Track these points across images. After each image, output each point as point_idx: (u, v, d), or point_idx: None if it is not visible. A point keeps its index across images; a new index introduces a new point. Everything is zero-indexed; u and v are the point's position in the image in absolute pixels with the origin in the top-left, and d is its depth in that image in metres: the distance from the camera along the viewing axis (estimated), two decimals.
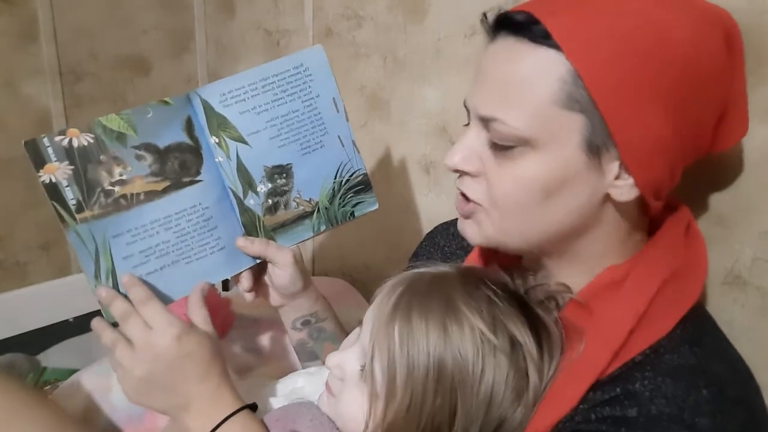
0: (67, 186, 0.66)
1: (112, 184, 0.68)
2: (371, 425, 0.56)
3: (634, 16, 0.51)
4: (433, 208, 1.12)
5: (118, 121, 0.68)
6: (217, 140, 0.74)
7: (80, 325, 1.45)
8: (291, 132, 0.77)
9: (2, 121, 1.40)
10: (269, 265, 0.78)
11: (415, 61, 1.09)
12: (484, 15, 0.57)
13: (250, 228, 0.77)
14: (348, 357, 0.60)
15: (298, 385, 0.77)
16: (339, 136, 0.80)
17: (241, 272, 0.77)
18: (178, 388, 0.64)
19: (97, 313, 0.69)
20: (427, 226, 0.93)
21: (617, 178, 0.54)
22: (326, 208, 0.80)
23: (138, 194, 0.69)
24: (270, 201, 0.77)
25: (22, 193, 1.44)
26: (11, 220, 1.45)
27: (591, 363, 0.54)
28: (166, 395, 0.65)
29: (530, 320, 0.57)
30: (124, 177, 0.69)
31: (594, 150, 0.53)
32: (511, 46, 0.54)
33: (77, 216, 0.66)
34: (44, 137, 0.65)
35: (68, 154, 0.66)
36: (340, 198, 0.81)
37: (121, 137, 0.68)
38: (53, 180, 0.65)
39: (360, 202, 0.82)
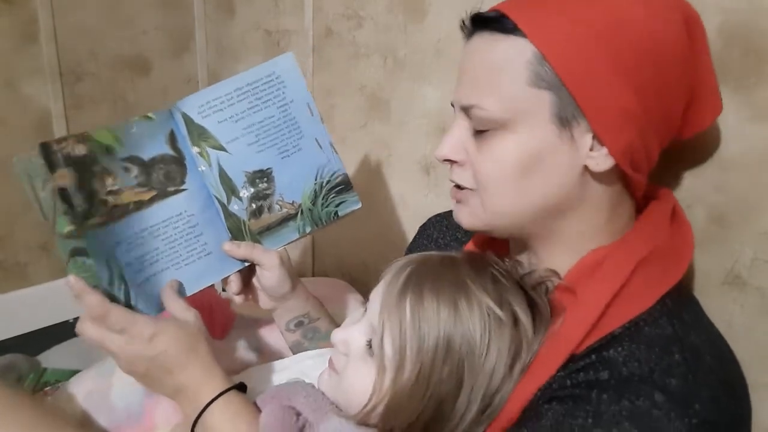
0: (75, 192, 0.67)
1: (107, 194, 0.69)
2: (376, 397, 0.58)
3: (590, 3, 0.57)
4: (432, 208, 1.12)
5: (105, 135, 0.70)
6: (198, 150, 0.76)
7: None
8: (268, 137, 0.79)
9: (2, 121, 1.40)
10: (257, 268, 0.79)
11: (415, 61, 1.09)
12: (462, 21, 0.63)
13: (236, 232, 0.78)
14: (354, 333, 0.62)
15: (307, 364, 0.78)
16: (316, 139, 0.82)
17: (229, 276, 0.79)
18: (163, 380, 0.66)
19: None
20: None
21: (591, 149, 0.58)
22: (310, 209, 0.82)
23: (127, 204, 0.71)
24: (254, 205, 0.79)
25: (22, 193, 1.43)
26: (11, 220, 1.45)
27: (568, 336, 0.57)
28: (157, 386, 0.67)
29: (527, 300, 0.60)
30: (115, 188, 0.70)
31: (564, 123, 0.57)
32: (484, 40, 0.60)
33: (86, 223, 0.67)
34: (53, 142, 0.66)
35: (73, 161, 0.67)
36: (322, 199, 0.82)
37: (110, 149, 0.70)
38: (65, 185, 0.66)
39: (342, 202, 0.84)
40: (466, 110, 0.62)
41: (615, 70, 0.55)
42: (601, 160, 0.58)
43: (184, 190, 0.75)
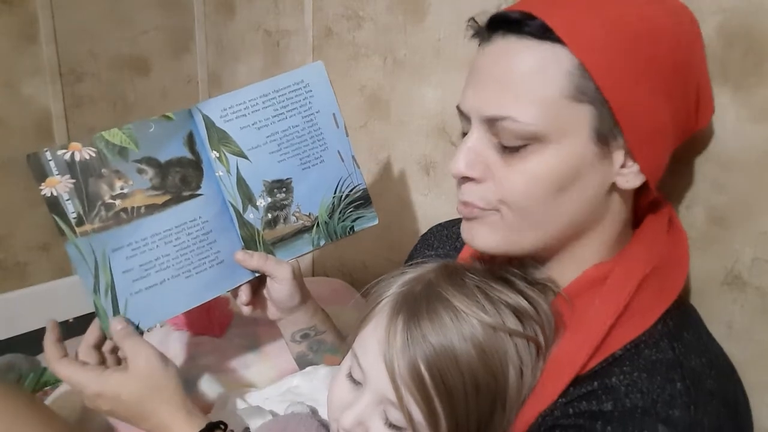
0: (68, 199, 0.66)
1: (113, 197, 0.68)
2: None
3: (620, 7, 0.54)
4: (432, 208, 1.12)
5: (120, 136, 0.69)
6: (217, 155, 0.74)
7: (80, 325, 1.45)
8: (291, 147, 0.78)
9: (2, 121, 1.40)
10: (268, 279, 0.78)
11: (415, 61, 1.09)
12: (473, 19, 0.58)
13: (250, 242, 0.77)
14: (364, 412, 0.56)
15: (293, 384, 0.77)
16: (339, 152, 0.80)
17: (240, 286, 0.77)
18: (134, 423, 0.67)
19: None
20: (427, 225, 0.93)
21: (623, 166, 0.56)
22: (326, 222, 0.81)
23: (138, 208, 0.69)
24: (269, 215, 0.78)
25: (22, 193, 1.43)
26: (11, 220, 1.45)
27: (571, 359, 0.56)
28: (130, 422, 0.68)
29: (519, 292, 0.58)
30: (125, 190, 0.69)
31: (603, 139, 0.54)
32: (511, 44, 0.54)
33: (77, 229, 0.66)
34: (47, 150, 0.66)
35: (70, 167, 0.66)
36: (339, 213, 0.81)
37: (123, 151, 0.69)
38: (54, 193, 0.66)
39: (360, 217, 0.83)
40: (490, 122, 0.55)
41: (651, 83, 0.53)
42: (632, 178, 0.56)
43: (199, 195, 0.73)
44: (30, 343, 1.42)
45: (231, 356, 0.91)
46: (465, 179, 0.59)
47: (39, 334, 1.49)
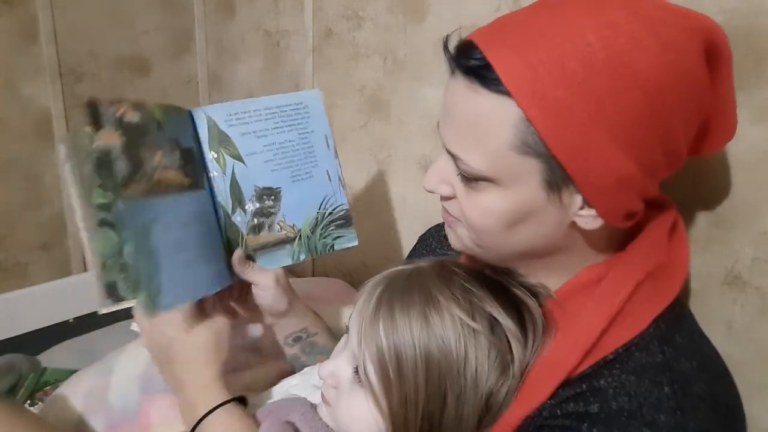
0: (119, 156, 0.63)
1: (155, 168, 0.67)
2: (381, 422, 0.58)
3: (591, 50, 0.49)
4: (432, 208, 1.12)
5: (157, 111, 0.69)
6: (215, 155, 0.77)
7: (80, 325, 1.45)
8: (284, 159, 0.82)
9: (2, 121, 1.40)
10: (252, 286, 0.79)
11: (415, 61, 1.09)
12: (446, 43, 0.57)
13: (234, 244, 0.78)
14: (340, 364, 0.62)
15: (293, 383, 0.78)
16: (327, 171, 0.84)
17: (221, 289, 0.75)
18: (171, 374, 0.71)
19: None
20: (426, 225, 0.93)
21: (582, 208, 0.55)
22: (308, 236, 0.83)
23: (173, 184, 0.69)
24: (255, 220, 0.80)
25: (22, 193, 1.43)
26: (11, 220, 1.45)
27: (561, 362, 0.56)
28: (165, 374, 0.72)
29: (508, 300, 0.59)
30: (164, 164, 0.68)
31: (554, 188, 0.54)
32: (466, 89, 0.54)
33: (123, 191, 0.63)
34: (102, 104, 0.62)
35: (123, 125, 0.64)
36: (321, 229, 0.84)
37: (159, 126, 0.69)
38: (108, 147, 0.62)
39: (340, 237, 0.86)
40: (451, 155, 0.58)
41: (612, 139, 0.50)
42: (590, 220, 0.55)
43: (203, 189, 0.75)
44: (30, 343, 1.42)
45: (231, 357, 0.91)
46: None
47: (39, 334, 1.49)
